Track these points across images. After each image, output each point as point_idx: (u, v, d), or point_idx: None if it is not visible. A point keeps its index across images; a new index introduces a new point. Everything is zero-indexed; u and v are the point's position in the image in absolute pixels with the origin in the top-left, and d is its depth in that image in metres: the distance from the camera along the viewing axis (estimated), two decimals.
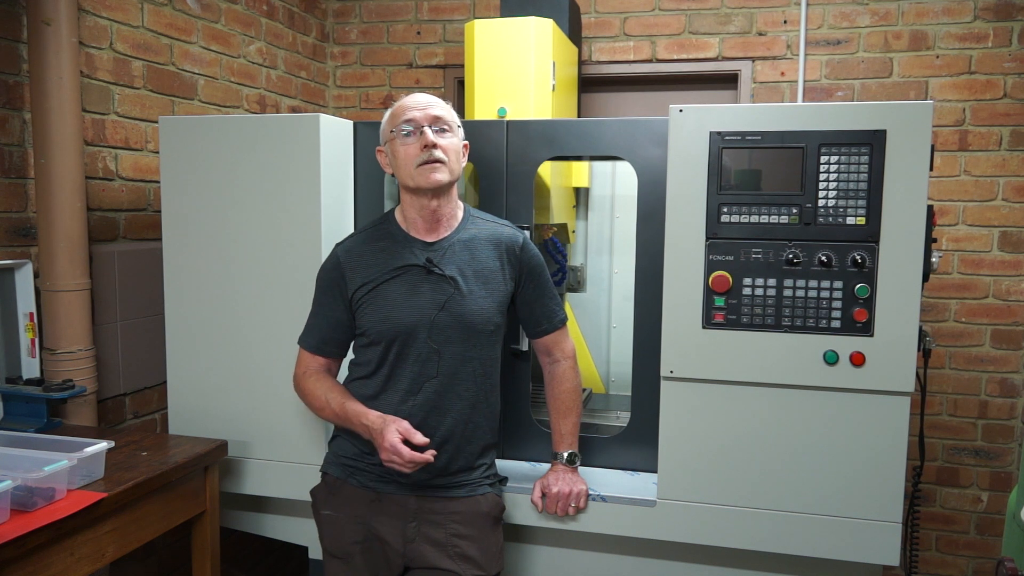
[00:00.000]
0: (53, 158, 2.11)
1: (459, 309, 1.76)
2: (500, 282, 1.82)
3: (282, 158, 2.05)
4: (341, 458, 1.87)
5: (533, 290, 1.88)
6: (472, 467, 1.84)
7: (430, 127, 1.73)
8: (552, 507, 1.94)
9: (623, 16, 3.29)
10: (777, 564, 1.96)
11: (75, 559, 1.65)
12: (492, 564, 1.83)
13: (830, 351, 1.80)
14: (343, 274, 1.82)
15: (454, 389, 1.78)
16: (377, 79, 3.59)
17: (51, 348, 2.17)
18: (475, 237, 1.82)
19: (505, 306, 1.84)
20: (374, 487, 1.82)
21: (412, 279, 1.78)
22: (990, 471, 3.10)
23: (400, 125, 1.75)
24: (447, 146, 1.74)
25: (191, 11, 2.71)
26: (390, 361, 1.79)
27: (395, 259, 1.79)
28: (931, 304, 3.08)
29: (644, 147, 1.98)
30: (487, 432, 1.86)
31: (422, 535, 1.79)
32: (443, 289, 1.77)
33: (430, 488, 1.80)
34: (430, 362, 1.77)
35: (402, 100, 1.79)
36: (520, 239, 1.86)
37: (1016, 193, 2.99)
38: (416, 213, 1.80)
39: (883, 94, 3.05)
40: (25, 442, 1.82)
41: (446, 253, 1.79)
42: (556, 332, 1.93)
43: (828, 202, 1.78)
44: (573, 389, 1.95)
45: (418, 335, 1.76)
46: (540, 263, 1.89)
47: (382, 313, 1.77)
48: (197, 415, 2.19)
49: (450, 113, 1.79)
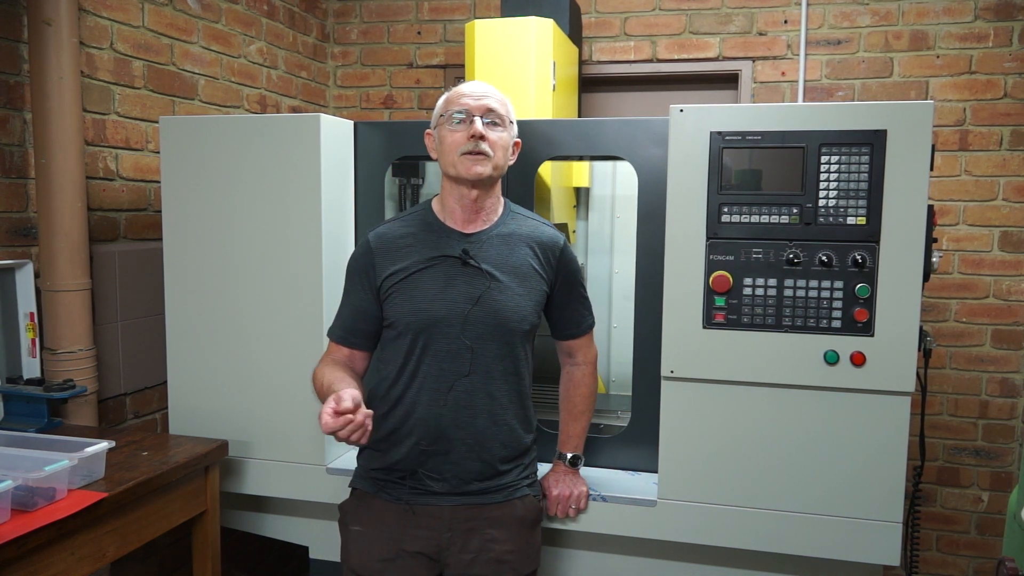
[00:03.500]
0: (54, 158, 2.11)
1: (495, 305, 1.70)
2: (537, 281, 1.77)
3: (282, 158, 2.05)
4: (371, 472, 1.79)
5: (567, 294, 1.85)
6: (504, 471, 1.77)
7: (481, 118, 1.68)
8: (553, 509, 1.94)
9: (623, 16, 3.29)
10: (777, 564, 1.96)
11: (76, 559, 1.65)
12: (527, 564, 1.79)
13: (830, 351, 1.80)
14: (373, 261, 1.75)
15: (487, 388, 1.72)
16: (377, 79, 3.59)
17: (52, 348, 2.17)
18: (514, 233, 1.77)
19: (541, 306, 1.79)
20: (407, 499, 1.74)
21: (447, 270, 1.71)
22: (990, 471, 3.10)
23: (452, 111, 1.69)
24: (495, 140, 1.69)
25: (191, 11, 2.71)
26: (417, 355, 1.71)
27: (430, 248, 1.73)
28: (931, 304, 3.08)
29: (644, 147, 1.98)
30: (521, 433, 1.79)
31: (457, 544, 1.73)
32: (478, 283, 1.71)
33: (465, 495, 1.74)
34: (462, 358, 1.70)
35: (460, 86, 1.74)
36: (561, 241, 1.82)
37: (1016, 193, 2.99)
38: (455, 203, 1.74)
39: (883, 94, 3.05)
40: (25, 442, 1.82)
41: (483, 246, 1.73)
42: (583, 337, 1.91)
43: (828, 202, 1.78)
44: (589, 394, 1.93)
45: (450, 329, 1.69)
46: (576, 267, 1.86)
47: (413, 304, 1.70)
48: (197, 415, 2.19)
49: (505, 107, 1.73)
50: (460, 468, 1.73)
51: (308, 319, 2.05)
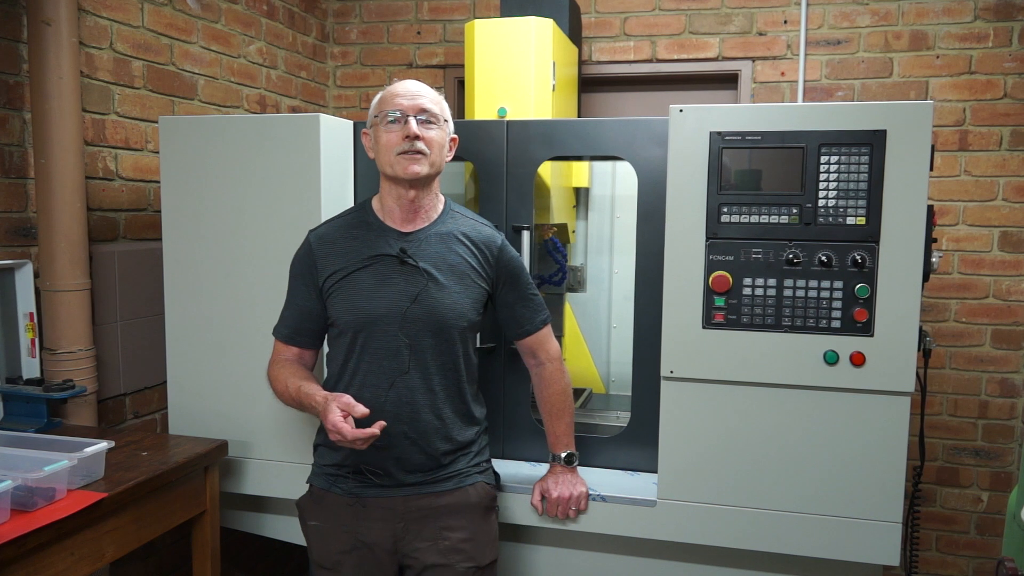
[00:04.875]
0: (53, 158, 2.11)
1: (432, 303, 1.72)
2: (475, 279, 1.78)
3: (282, 158, 2.05)
4: (323, 467, 1.83)
5: (512, 292, 1.85)
6: (446, 463, 1.78)
7: (415, 117, 1.70)
8: (552, 511, 1.94)
9: (623, 16, 3.29)
10: (777, 564, 1.96)
11: (75, 559, 1.65)
12: (484, 553, 1.80)
13: (830, 351, 1.80)
14: (315, 261, 1.78)
15: (427, 384, 1.74)
16: (377, 79, 3.58)
17: (51, 348, 2.17)
18: (452, 232, 1.78)
19: (481, 304, 1.80)
20: (357, 493, 1.78)
21: (384, 269, 1.74)
22: (990, 471, 3.10)
23: (386, 111, 1.71)
24: (431, 139, 1.71)
25: (191, 11, 2.71)
26: (357, 353, 1.74)
27: (368, 248, 1.75)
28: (931, 304, 3.08)
29: (644, 147, 1.98)
30: (462, 427, 1.81)
31: (412, 533, 1.76)
32: (416, 281, 1.73)
33: (415, 486, 1.77)
34: (400, 356, 1.72)
35: (392, 86, 1.75)
36: (498, 240, 1.83)
37: (1016, 193, 2.99)
38: (393, 202, 1.76)
39: (883, 94, 3.05)
40: (25, 442, 1.82)
41: (421, 245, 1.75)
42: (538, 333, 1.89)
43: (828, 202, 1.78)
44: (563, 391, 1.92)
45: (388, 327, 1.72)
46: (518, 265, 1.86)
47: (351, 302, 1.73)
48: (197, 415, 2.19)
49: (439, 105, 1.74)
50: (403, 462, 1.75)
51: None
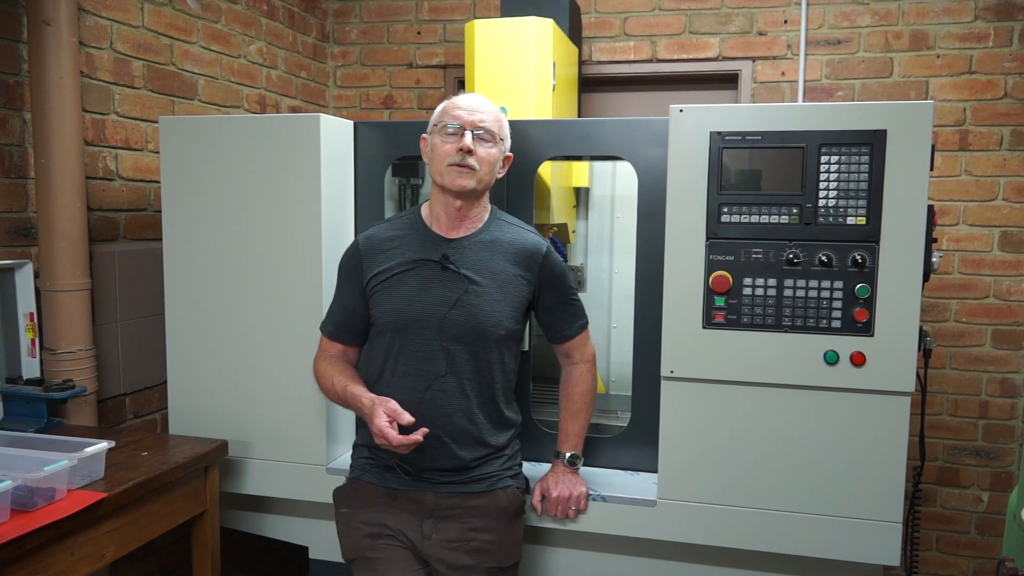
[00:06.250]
0: (53, 158, 2.11)
1: (471, 309, 1.75)
2: (517, 287, 1.81)
3: (282, 158, 2.05)
4: (360, 459, 1.89)
5: (553, 297, 1.88)
6: (475, 465, 1.81)
7: (472, 131, 1.74)
8: (552, 510, 1.94)
9: (623, 16, 3.29)
10: (777, 564, 1.96)
11: (75, 559, 1.65)
12: (508, 555, 1.83)
13: (830, 351, 1.80)
14: (360, 262, 1.83)
15: (462, 388, 1.78)
16: (377, 79, 3.58)
17: (51, 348, 2.17)
18: (497, 240, 1.82)
19: (520, 312, 1.83)
20: (388, 484, 1.81)
21: (426, 273, 1.78)
22: (990, 471, 3.10)
23: (445, 122, 1.75)
24: (483, 156, 1.75)
25: (191, 11, 2.71)
26: (395, 354, 1.79)
27: (413, 251, 1.80)
28: (931, 304, 3.08)
29: (644, 147, 1.98)
30: (495, 433, 1.84)
31: (439, 531, 1.79)
32: (456, 287, 1.76)
33: (446, 484, 1.80)
34: (437, 359, 1.76)
35: (457, 97, 1.80)
36: (543, 247, 1.85)
37: (1016, 193, 2.99)
38: (441, 209, 1.81)
39: (883, 94, 3.05)
40: (25, 442, 1.82)
41: (464, 251, 1.79)
42: (576, 338, 1.93)
43: (828, 202, 1.78)
44: (587, 391, 1.95)
45: (426, 331, 1.76)
46: (562, 271, 1.89)
47: (391, 304, 1.78)
48: (197, 415, 2.19)
49: (498, 124, 1.79)
50: (435, 462, 1.78)
51: (308, 319, 2.04)
